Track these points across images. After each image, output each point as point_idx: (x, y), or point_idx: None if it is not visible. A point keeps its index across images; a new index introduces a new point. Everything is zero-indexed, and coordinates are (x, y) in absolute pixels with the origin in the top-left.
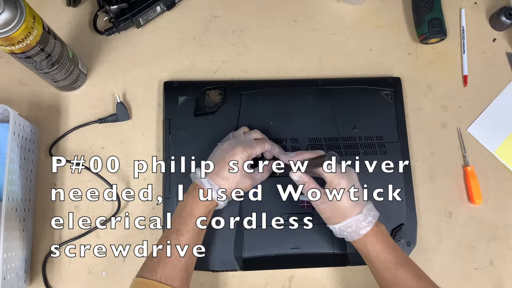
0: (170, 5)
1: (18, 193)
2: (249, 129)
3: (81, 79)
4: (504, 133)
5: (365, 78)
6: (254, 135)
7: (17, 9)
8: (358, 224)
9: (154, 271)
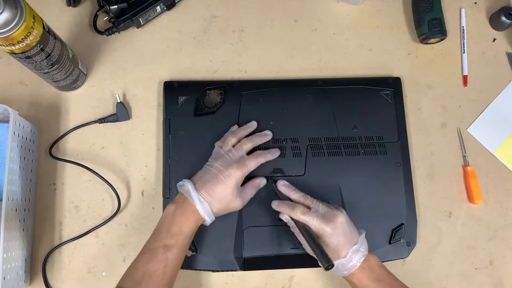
0: (170, 5)
1: (18, 193)
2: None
3: (81, 79)
4: (504, 133)
5: (365, 78)
6: (245, 147)
7: (17, 9)
8: (344, 266)
9: (137, 285)
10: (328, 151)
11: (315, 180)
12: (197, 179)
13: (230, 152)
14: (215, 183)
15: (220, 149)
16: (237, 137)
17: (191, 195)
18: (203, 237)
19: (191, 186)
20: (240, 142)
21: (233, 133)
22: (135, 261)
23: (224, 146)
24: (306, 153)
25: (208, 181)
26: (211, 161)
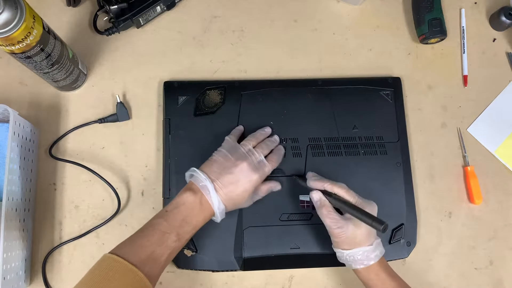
0: (170, 5)
1: (18, 193)
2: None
3: (81, 79)
4: (504, 133)
5: (365, 78)
6: (263, 151)
7: (17, 9)
8: (367, 255)
9: (142, 264)
10: (328, 151)
11: None
12: (215, 176)
13: (251, 154)
14: (236, 187)
15: (239, 147)
16: (257, 140)
17: (210, 197)
18: (203, 237)
19: (211, 187)
20: (259, 145)
21: (254, 136)
22: (143, 236)
23: (245, 146)
24: (306, 153)
25: (230, 184)
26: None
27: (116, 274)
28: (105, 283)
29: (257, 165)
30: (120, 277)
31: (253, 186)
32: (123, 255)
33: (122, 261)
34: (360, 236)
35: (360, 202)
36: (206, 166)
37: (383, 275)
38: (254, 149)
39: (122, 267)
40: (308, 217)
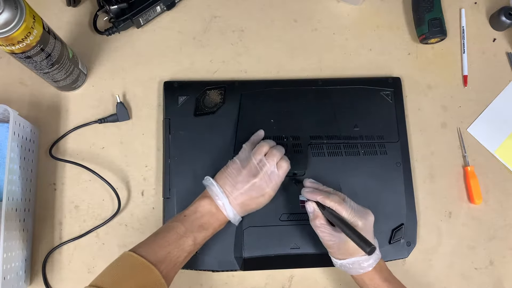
0: (170, 5)
1: (18, 193)
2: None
3: (81, 79)
4: (504, 133)
5: (365, 78)
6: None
7: (17, 9)
8: (360, 264)
9: (159, 262)
10: (329, 151)
11: (316, 180)
12: (230, 190)
13: (262, 165)
14: (250, 202)
15: (251, 159)
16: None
17: (226, 211)
18: None
19: (226, 202)
20: (270, 153)
21: (267, 142)
22: (161, 237)
23: (256, 156)
24: (307, 153)
25: (244, 199)
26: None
27: (134, 271)
28: (125, 279)
29: (268, 178)
30: (138, 274)
31: (267, 199)
32: (142, 253)
33: (140, 259)
34: (353, 247)
35: (353, 215)
36: (221, 178)
37: (378, 281)
38: (266, 159)
39: (140, 264)
40: (308, 217)
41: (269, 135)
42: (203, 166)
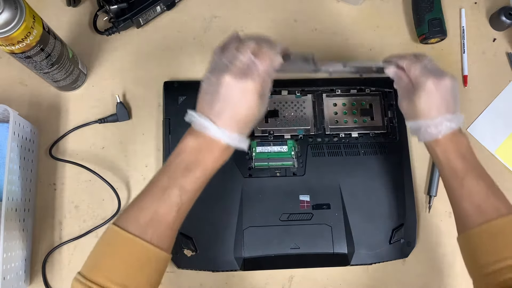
0: (170, 5)
1: (18, 193)
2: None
3: (81, 79)
4: (504, 133)
5: (365, 78)
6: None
7: (17, 9)
8: (427, 129)
9: (143, 230)
10: (328, 151)
11: (315, 180)
12: (209, 109)
13: (233, 59)
14: (235, 108)
15: (221, 59)
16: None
17: (214, 134)
18: (203, 237)
19: (209, 124)
20: (241, 45)
21: (233, 36)
22: (141, 200)
23: (227, 53)
24: (306, 153)
25: (227, 109)
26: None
27: (115, 248)
28: (107, 258)
29: (244, 69)
30: (120, 250)
31: (255, 95)
32: (122, 224)
33: (120, 231)
34: (417, 106)
35: (435, 66)
36: (199, 101)
37: (452, 154)
38: (237, 52)
39: (120, 238)
40: (308, 217)
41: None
42: None
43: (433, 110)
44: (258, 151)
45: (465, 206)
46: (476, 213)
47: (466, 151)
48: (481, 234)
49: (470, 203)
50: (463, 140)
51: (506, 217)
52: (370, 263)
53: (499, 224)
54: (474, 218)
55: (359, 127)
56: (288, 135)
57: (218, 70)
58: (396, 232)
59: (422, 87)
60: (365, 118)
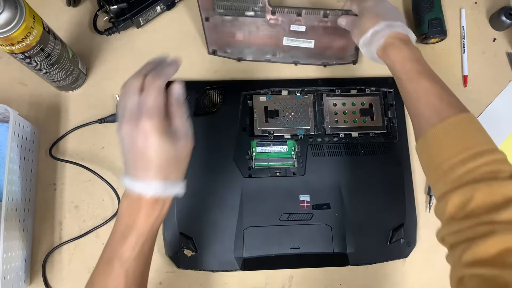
0: (170, 5)
1: (18, 193)
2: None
3: (81, 79)
4: (504, 133)
5: (365, 78)
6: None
7: (17, 9)
8: (378, 32)
9: None
10: (328, 151)
11: (315, 180)
12: (127, 168)
13: (123, 109)
14: (147, 155)
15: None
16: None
17: (128, 186)
18: (203, 237)
19: (124, 178)
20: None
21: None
22: (92, 276)
23: (117, 107)
24: (306, 153)
25: (137, 159)
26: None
27: None
28: None
29: (135, 112)
30: None
31: (156, 133)
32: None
33: None
34: (366, 21)
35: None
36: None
37: (400, 57)
38: (124, 97)
39: None
40: (308, 217)
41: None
42: (203, 166)
43: (378, 18)
44: (258, 151)
45: (421, 107)
46: (431, 113)
47: (419, 56)
48: (436, 133)
49: (426, 104)
50: (417, 50)
51: (460, 115)
52: (370, 263)
53: (453, 121)
54: (430, 119)
55: (359, 127)
56: (288, 135)
57: (118, 124)
58: (396, 232)
59: (364, 8)
60: (365, 118)
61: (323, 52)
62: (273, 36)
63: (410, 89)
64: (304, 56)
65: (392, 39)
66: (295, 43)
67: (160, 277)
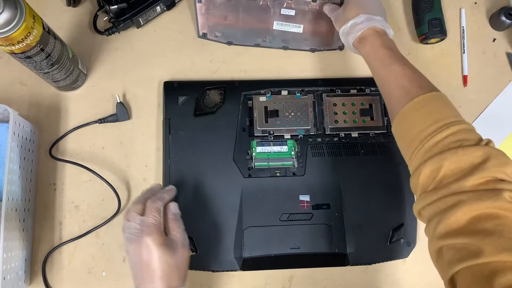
0: (170, 5)
1: (18, 193)
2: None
3: (81, 79)
4: (504, 133)
5: (365, 78)
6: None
7: (17, 9)
8: (357, 24)
9: None
10: (328, 151)
11: (315, 180)
12: (137, 281)
13: (129, 230)
14: (152, 267)
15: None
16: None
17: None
18: (203, 237)
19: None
20: (127, 215)
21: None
22: None
23: (124, 228)
24: (306, 153)
25: (144, 272)
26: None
27: None
28: None
29: (138, 231)
30: None
31: (158, 246)
32: None
33: None
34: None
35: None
36: None
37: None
38: (128, 221)
39: None
40: (308, 217)
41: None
42: (203, 166)
43: (360, 11)
44: (258, 151)
45: (392, 89)
46: (402, 95)
47: (392, 45)
48: (406, 111)
49: (397, 86)
50: (390, 40)
51: (428, 94)
52: (370, 263)
53: (421, 99)
54: (401, 100)
55: (359, 127)
56: (288, 135)
57: (126, 246)
58: (396, 232)
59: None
60: (365, 118)
61: (311, 37)
62: (263, 20)
63: (383, 74)
64: (293, 41)
65: (369, 31)
66: (285, 28)
67: None
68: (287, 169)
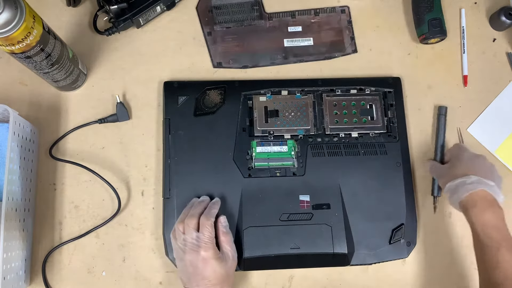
0: (170, 5)
1: (18, 193)
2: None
3: (81, 79)
4: (504, 133)
5: (365, 78)
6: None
7: (17, 9)
8: (466, 183)
9: None
10: (328, 151)
11: (315, 180)
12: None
13: (184, 242)
14: (206, 276)
15: (175, 243)
16: (185, 220)
17: None
18: None
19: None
20: (185, 226)
21: (180, 219)
22: None
23: (177, 239)
24: (306, 153)
25: (199, 280)
26: (178, 259)
27: None
28: None
29: (195, 245)
30: None
31: (212, 259)
32: None
33: None
34: (457, 173)
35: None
36: (182, 279)
37: (488, 223)
38: (184, 234)
39: None
40: (308, 217)
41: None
42: (203, 166)
43: (471, 171)
44: (258, 151)
45: (496, 274)
46: (508, 284)
47: (501, 224)
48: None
49: (504, 274)
50: (500, 210)
51: None
52: (370, 263)
53: None
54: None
55: (359, 127)
56: (288, 135)
57: (179, 254)
58: (396, 232)
59: (460, 156)
60: (365, 118)
61: (323, 47)
62: (274, 40)
63: (488, 254)
64: (306, 54)
65: (477, 197)
66: (296, 43)
67: (160, 277)
68: (287, 169)
